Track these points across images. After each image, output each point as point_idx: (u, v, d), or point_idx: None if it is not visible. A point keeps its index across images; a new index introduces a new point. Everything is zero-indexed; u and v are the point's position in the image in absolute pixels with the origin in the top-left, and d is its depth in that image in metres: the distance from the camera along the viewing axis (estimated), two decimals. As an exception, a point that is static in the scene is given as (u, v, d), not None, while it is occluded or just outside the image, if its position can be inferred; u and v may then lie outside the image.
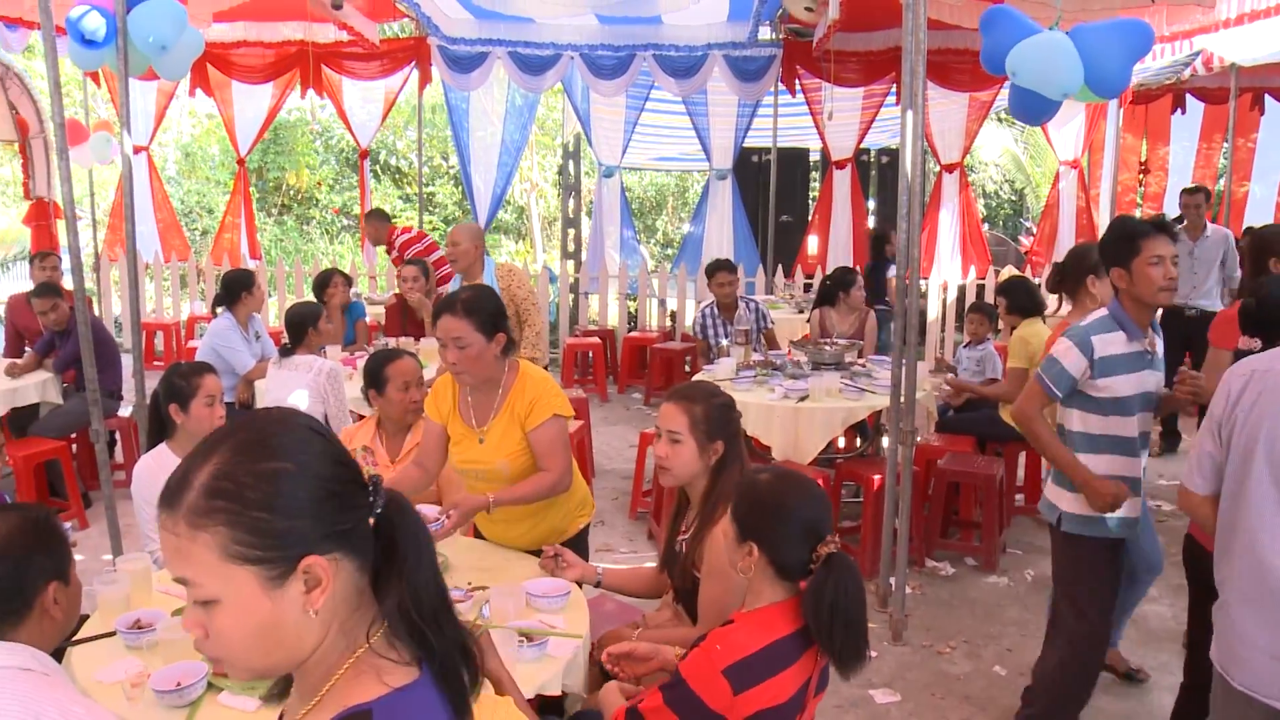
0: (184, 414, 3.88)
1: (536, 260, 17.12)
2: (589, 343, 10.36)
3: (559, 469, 3.53)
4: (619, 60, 10.75)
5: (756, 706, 2.38)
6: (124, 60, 5.11)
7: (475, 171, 11.85)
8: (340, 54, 10.96)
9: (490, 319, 3.45)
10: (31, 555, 2.08)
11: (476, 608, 2.99)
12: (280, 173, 19.02)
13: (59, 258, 8.06)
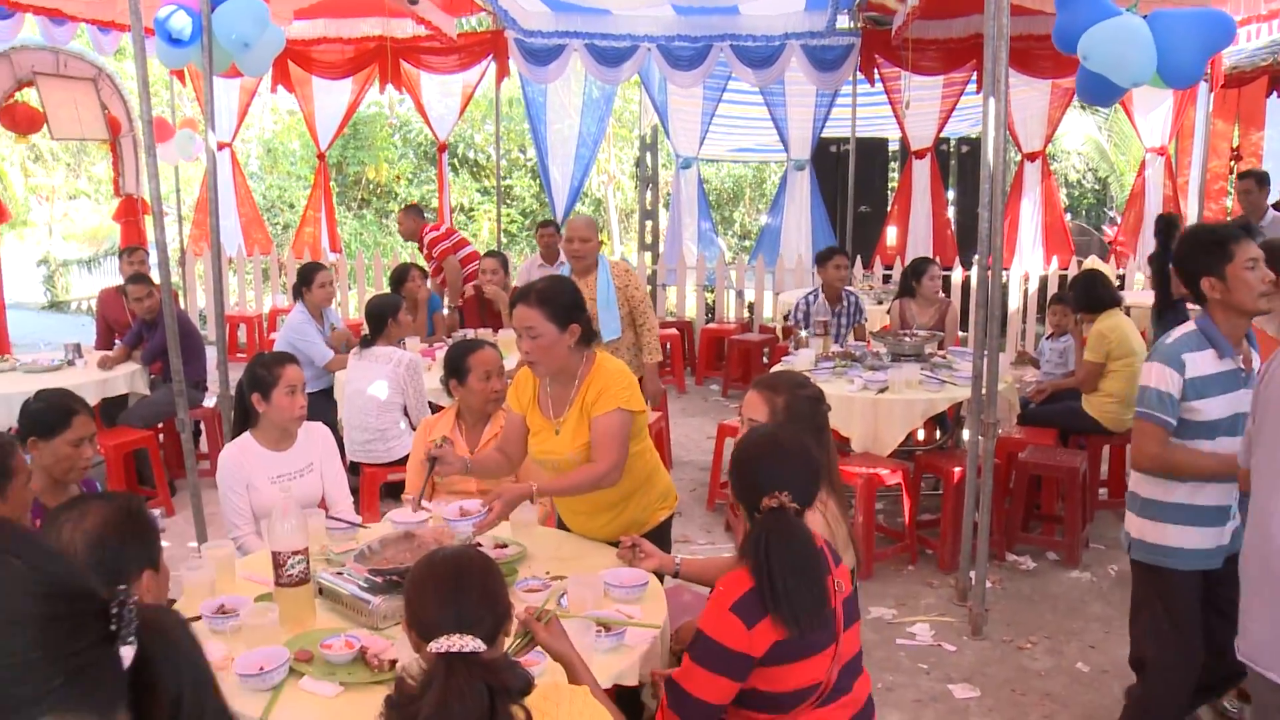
0: (266, 403, 3.95)
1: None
2: (667, 334, 10.32)
3: (609, 463, 3.47)
4: (696, 51, 10.69)
5: (773, 637, 2.43)
6: (209, 58, 5.20)
7: (553, 164, 11.89)
8: (418, 49, 11.04)
9: (563, 310, 3.43)
10: (125, 543, 2.11)
11: (554, 597, 3.00)
12: (360, 167, 19.24)
13: (146, 252, 8.23)
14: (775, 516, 2.47)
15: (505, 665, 1.97)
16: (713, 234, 13.11)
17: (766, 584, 2.41)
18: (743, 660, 2.44)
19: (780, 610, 2.40)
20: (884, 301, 9.39)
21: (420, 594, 2.06)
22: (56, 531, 2.08)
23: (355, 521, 3.70)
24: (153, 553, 2.17)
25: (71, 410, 3.52)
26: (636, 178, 14.41)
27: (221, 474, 3.96)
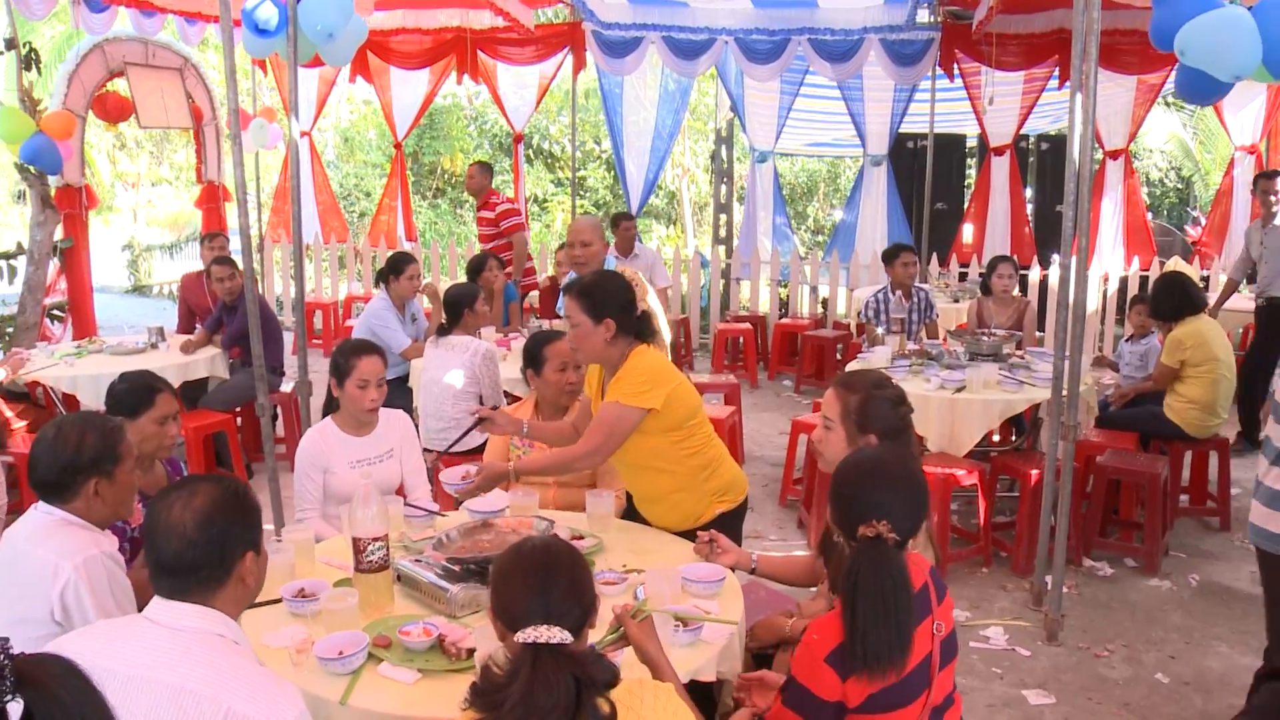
0: (339, 390, 4.01)
1: (688, 245, 17.11)
2: (740, 329, 10.33)
3: (586, 447, 3.63)
4: (774, 45, 10.62)
5: (869, 689, 2.34)
6: (293, 48, 5.26)
7: (628, 156, 11.88)
8: (496, 39, 11.08)
9: (600, 304, 3.55)
10: (232, 524, 2.15)
11: (630, 590, 3.00)
12: (435, 157, 19.39)
13: (227, 238, 8.37)
14: (871, 547, 2.36)
15: (592, 657, 1.98)
16: (787, 229, 13.04)
17: (850, 627, 2.31)
18: (837, 709, 2.37)
19: (861, 663, 2.30)
20: (960, 300, 9.28)
21: (507, 583, 2.07)
22: (167, 510, 2.12)
23: (433, 509, 3.73)
24: (255, 535, 2.21)
25: (154, 389, 3.59)
26: (711, 171, 14.37)
27: (300, 456, 4.02)
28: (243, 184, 4.95)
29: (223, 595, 2.13)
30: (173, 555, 2.09)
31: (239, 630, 2.15)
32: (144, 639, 2.06)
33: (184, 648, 2.03)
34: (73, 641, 2.13)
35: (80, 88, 8.90)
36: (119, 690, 1.98)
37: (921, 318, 7.51)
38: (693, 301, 11.43)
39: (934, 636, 2.45)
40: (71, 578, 2.65)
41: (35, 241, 8.54)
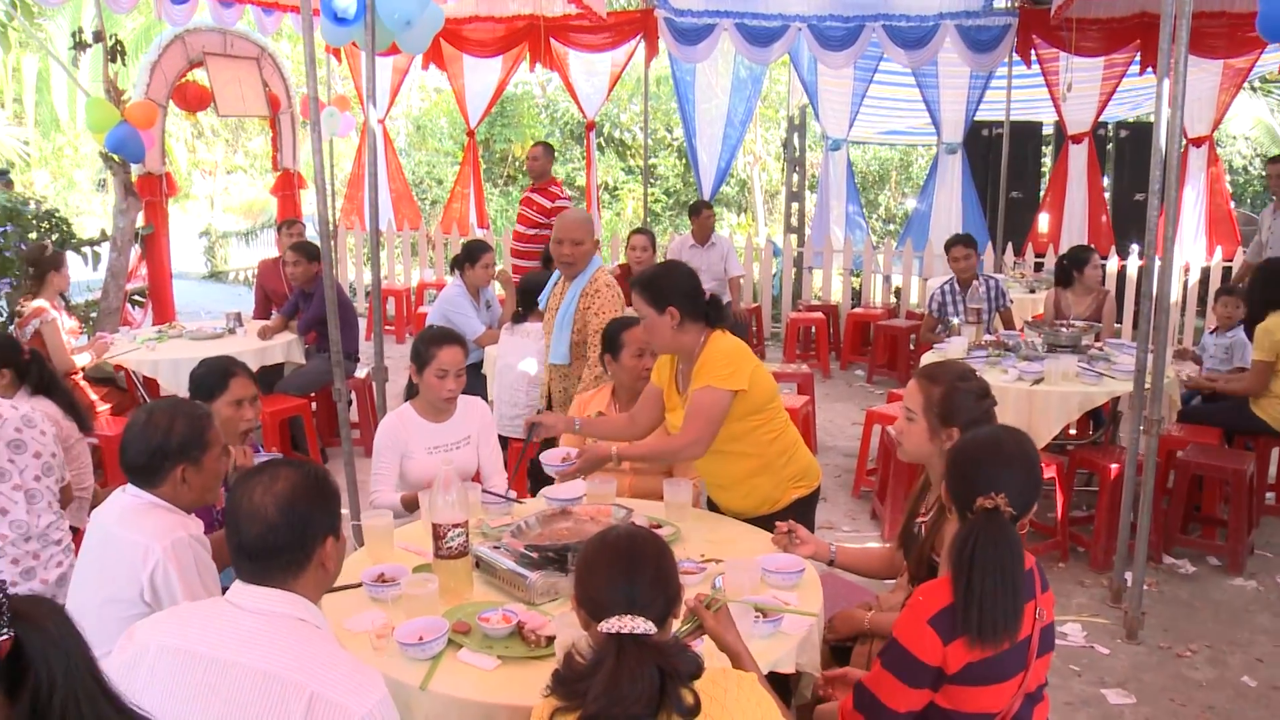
0: (419, 378, 4.04)
1: (759, 234, 17.04)
2: (812, 318, 10.27)
3: (687, 437, 3.62)
4: (848, 31, 10.52)
5: (968, 657, 2.35)
6: (371, 36, 5.30)
7: (700, 144, 11.84)
8: (568, 27, 11.10)
9: (660, 294, 3.62)
10: (312, 509, 2.16)
11: (709, 580, 2.99)
12: (506, 144, 19.47)
13: (303, 225, 8.47)
14: (988, 518, 2.38)
15: (677, 648, 1.98)
16: (859, 217, 12.93)
17: (963, 593, 2.33)
18: (936, 674, 2.38)
19: (972, 620, 2.32)
20: (1035, 290, 9.14)
21: (592, 572, 2.08)
22: (249, 494, 2.14)
23: (510, 497, 3.74)
24: (335, 521, 2.23)
25: (229, 372, 3.66)
26: (783, 159, 14.28)
27: (379, 437, 4.07)
28: (322, 171, 5.00)
29: (303, 579, 2.15)
30: (254, 539, 2.11)
31: (320, 614, 2.17)
32: (228, 623, 2.08)
33: (267, 632, 2.05)
34: (162, 623, 2.16)
35: (162, 78, 9.04)
36: (206, 673, 2.01)
37: (993, 307, 7.41)
38: (764, 290, 11.38)
39: (1035, 621, 2.45)
40: (160, 560, 2.70)
41: (118, 228, 8.70)
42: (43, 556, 3.61)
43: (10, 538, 3.53)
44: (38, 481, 3.61)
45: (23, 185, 16.29)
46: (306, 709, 1.93)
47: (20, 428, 3.60)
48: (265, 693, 1.96)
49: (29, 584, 3.58)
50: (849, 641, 3.29)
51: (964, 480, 2.48)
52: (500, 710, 2.48)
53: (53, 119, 19.12)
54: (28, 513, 3.57)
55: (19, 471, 3.55)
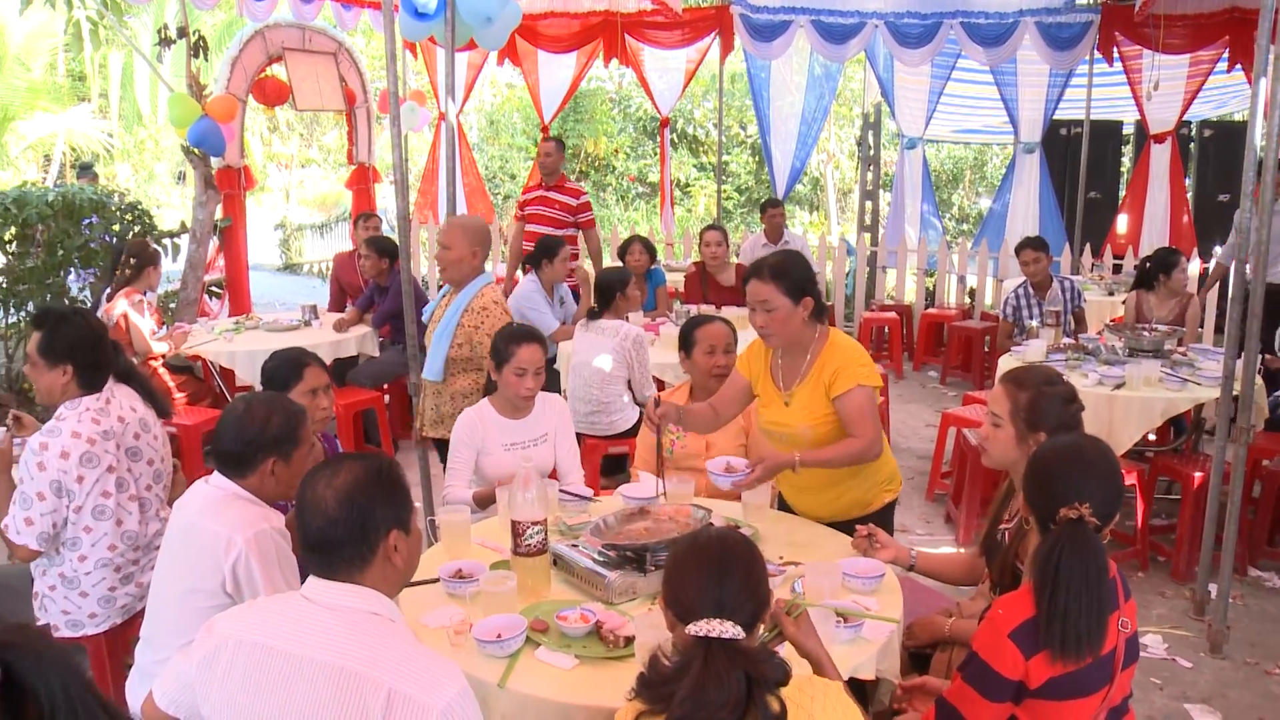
0: (498, 375, 4.04)
1: (831, 232, 16.92)
2: (885, 318, 10.17)
3: (867, 436, 3.50)
4: (925, 28, 10.39)
5: (1051, 672, 2.30)
6: (451, 31, 5.32)
7: (774, 142, 11.77)
8: (643, 23, 11.07)
9: (797, 283, 3.48)
10: (374, 502, 2.16)
11: (788, 584, 2.96)
12: (579, 140, 19.51)
13: (379, 219, 8.54)
14: (1073, 529, 2.32)
15: (765, 655, 1.95)
16: (934, 217, 12.79)
17: (1047, 608, 2.28)
18: (1017, 688, 2.34)
19: (1055, 635, 2.27)
20: (1114, 293, 8.98)
21: (682, 574, 2.05)
22: (312, 487, 2.14)
23: (587, 495, 3.73)
24: (402, 514, 2.20)
25: (303, 362, 3.67)
26: (857, 157, 14.17)
27: (455, 433, 4.09)
28: (401, 165, 5.03)
29: (370, 573, 2.13)
30: (315, 532, 2.12)
31: (395, 609, 2.16)
32: (303, 618, 2.09)
33: (342, 628, 2.05)
34: (241, 617, 2.17)
35: (242, 73, 9.16)
36: (284, 669, 2.02)
37: (1069, 308, 7.28)
38: (837, 289, 11.29)
39: (1119, 632, 2.39)
40: (243, 551, 2.73)
41: (197, 220, 8.83)
42: (142, 562, 3.64)
43: (120, 549, 3.54)
44: (149, 490, 3.63)
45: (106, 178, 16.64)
46: (385, 705, 1.93)
47: (139, 433, 3.58)
48: (342, 689, 1.96)
49: (125, 588, 3.59)
50: (928, 648, 3.25)
51: (1045, 490, 2.43)
52: (578, 710, 2.47)
53: (135, 113, 19.50)
54: (139, 522, 3.58)
55: (134, 480, 3.57)
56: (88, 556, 3.49)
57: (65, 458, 3.37)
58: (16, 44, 16.26)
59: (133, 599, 3.63)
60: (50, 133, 17.67)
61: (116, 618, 3.61)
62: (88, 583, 3.52)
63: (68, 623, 3.55)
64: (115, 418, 3.52)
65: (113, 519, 3.50)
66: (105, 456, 3.45)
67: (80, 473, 3.39)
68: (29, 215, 7.90)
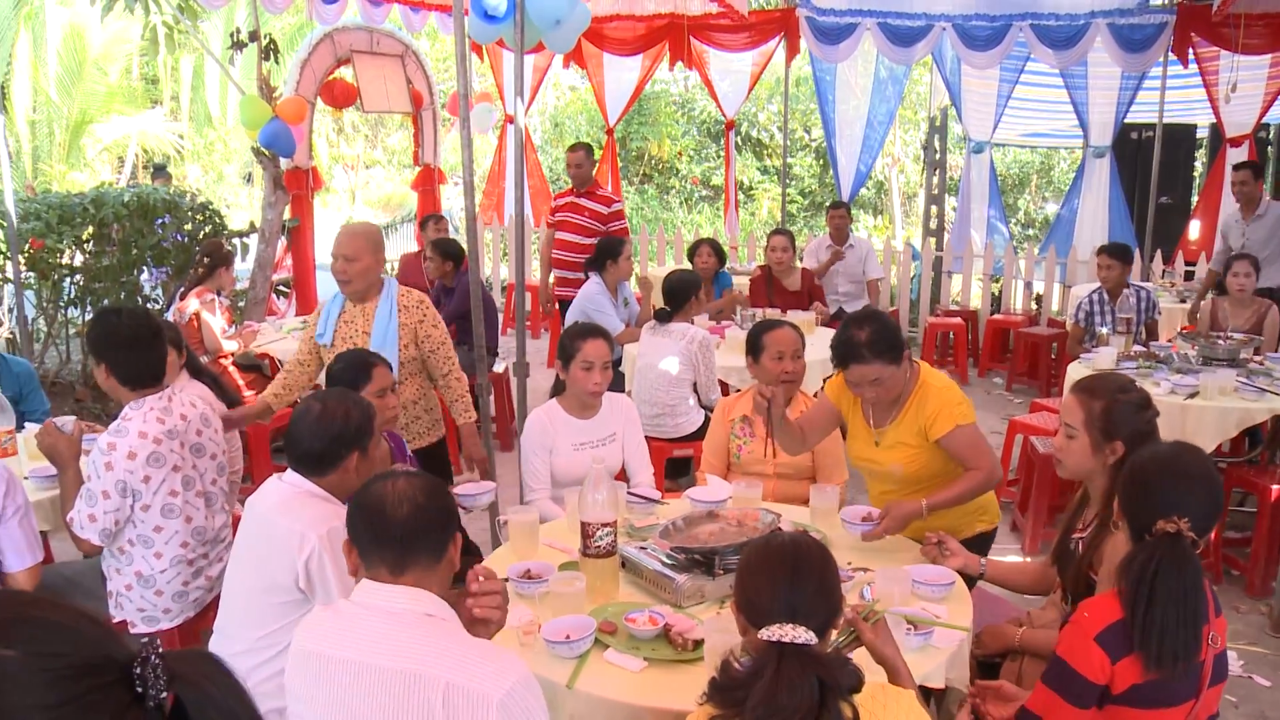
0: (566, 373, 4.05)
1: (895, 236, 16.79)
2: (950, 323, 10.07)
3: (984, 466, 3.48)
4: (994, 31, 10.26)
5: (1136, 678, 2.26)
6: (520, 34, 5.34)
7: (839, 146, 11.69)
8: (709, 26, 11.05)
9: (894, 346, 3.43)
10: (448, 502, 2.22)
11: (857, 589, 2.94)
12: (643, 143, 19.53)
13: (447, 220, 8.60)
14: (1171, 543, 2.29)
15: (838, 661, 1.94)
16: (1000, 222, 12.65)
17: (1142, 617, 2.25)
18: (1102, 692, 2.31)
19: (1150, 649, 2.24)
20: (1186, 299, 8.82)
21: (755, 578, 2.05)
22: (392, 483, 2.20)
23: (655, 498, 3.73)
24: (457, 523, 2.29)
25: (370, 363, 3.73)
26: (922, 160, 14.04)
27: (526, 436, 4.09)
28: (469, 166, 5.05)
29: (439, 570, 2.19)
30: (404, 519, 2.14)
31: (447, 607, 2.18)
32: (358, 624, 2.12)
33: (396, 631, 2.08)
34: (310, 632, 2.20)
35: (311, 75, 9.27)
36: (348, 677, 2.05)
37: (1142, 318, 7.15)
38: (902, 294, 11.20)
39: (1209, 647, 2.36)
40: (316, 547, 2.76)
41: (266, 220, 8.95)
42: (210, 555, 3.70)
43: (191, 544, 3.59)
44: (214, 484, 3.68)
45: (177, 179, 16.90)
46: (443, 699, 1.96)
47: (200, 429, 3.63)
48: (402, 690, 1.99)
49: (196, 582, 3.65)
50: (998, 658, 3.21)
51: (1143, 501, 2.39)
52: (646, 712, 2.47)
53: (205, 115, 19.81)
54: (206, 517, 3.64)
55: (200, 476, 3.62)
56: (163, 554, 3.54)
57: (132, 458, 3.40)
58: (95, 50, 16.61)
59: (203, 592, 3.70)
60: (124, 135, 18.01)
61: (189, 611, 3.68)
62: (163, 580, 3.57)
63: (144, 619, 3.61)
64: (178, 415, 3.56)
65: (181, 516, 3.55)
66: (171, 456, 3.49)
67: (147, 473, 3.43)
68: (106, 215, 8.07)
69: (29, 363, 5.81)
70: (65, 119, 16.79)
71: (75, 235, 8.04)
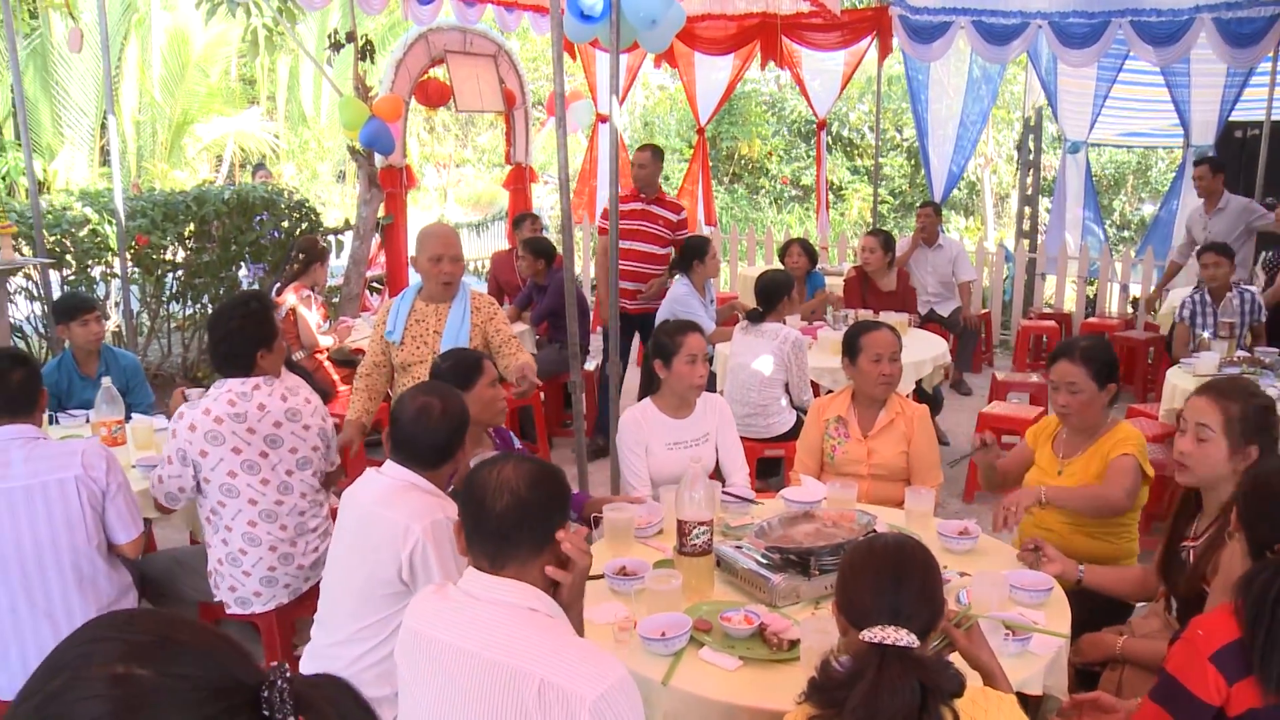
0: (667, 370, 4.05)
1: (988, 238, 16.57)
2: (1044, 326, 9.89)
3: (1117, 490, 3.54)
4: (1091, 28, 10.03)
5: (1254, 702, 2.16)
6: (615, 34, 5.36)
7: (931, 146, 11.56)
8: (801, 25, 10.98)
9: (1106, 369, 3.62)
10: (555, 492, 2.21)
11: (953, 593, 2.90)
12: (733, 142, 19.49)
13: (540, 218, 8.68)
14: None
15: (940, 665, 1.92)
16: (1096, 223, 12.41)
17: (1262, 639, 2.15)
18: (1217, 714, 2.22)
19: (1271, 673, 2.14)
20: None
21: (857, 579, 2.04)
22: (497, 472, 2.19)
23: (749, 497, 3.73)
24: (569, 510, 2.27)
25: (479, 358, 3.80)
26: (1015, 161, 13.83)
27: (621, 435, 4.11)
28: (565, 165, 5.08)
29: (539, 563, 2.17)
30: (503, 510, 2.14)
31: (553, 604, 2.17)
32: (464, 612, 2.12)
33: (499, 622, 2.08)
34: (417, 614, 2.23)
35: (406, 75, 9.40)
36: (451, 662, 2.07)
37: (1246, 322, 6.95)
38: (994, 296, 11.03)
39: None
40: (420, 539, 2.79)
41: (361, 218, 9.09)
42: (300, 545, 3.78)
43: (264, 528, 3.69)
44: (290, 476, 3.74)
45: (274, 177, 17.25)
46: (537, 695, 1.96)
47: (280, 422, 3.70)
48: (497, 682, 2.00)
49: (286, 568, 3.75)
50: (1097, 666, 3.15)
51: (1267, 515, 2.32)
52: (742, 711, 2.48)
53: (300, 115, 20.20)
54: (276, 502, 3.71)
55: (270, 466, 3.69)
56: (232, 528, 3.70)
57: (192, 430, 3.62)
58: (197, 52, 17.05)
59: (296, 580, 3.79)
60: (223, 134, 18.44)
61: (283, 598, 3.78)
62: (247, 562, 3.71)
63: (236, 600, 3.75)
64: (255, 404, 3.67)
65: (243, 499, 3.68)
66: (231, 438, 3.63)
67: (204, 448, 3.63)
68: (207, 212, 8.27)
69: (135, 356, 5.98)
70: (168, 119, 17.26)
71: (178, 232, 8.26)
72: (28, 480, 3.32)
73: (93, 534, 3.42)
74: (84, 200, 8.09)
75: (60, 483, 3.35)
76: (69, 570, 3.38)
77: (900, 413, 4.17)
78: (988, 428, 6.11)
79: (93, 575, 3.43)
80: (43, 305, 7.45)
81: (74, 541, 3.37)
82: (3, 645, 3.37)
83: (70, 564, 3.38)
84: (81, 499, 3.38)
